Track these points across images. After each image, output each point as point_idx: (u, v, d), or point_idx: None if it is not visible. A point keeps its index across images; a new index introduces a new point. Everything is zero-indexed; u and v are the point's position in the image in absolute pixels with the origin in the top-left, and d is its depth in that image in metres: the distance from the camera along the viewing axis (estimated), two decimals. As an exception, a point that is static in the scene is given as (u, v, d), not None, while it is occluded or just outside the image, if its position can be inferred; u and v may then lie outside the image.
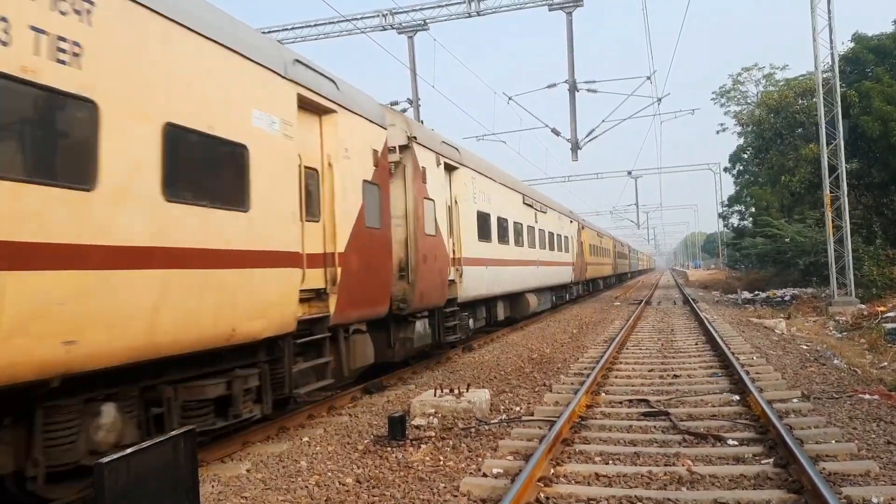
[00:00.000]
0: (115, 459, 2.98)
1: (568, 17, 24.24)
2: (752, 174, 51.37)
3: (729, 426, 7.82)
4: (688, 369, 11.89)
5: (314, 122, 8.88)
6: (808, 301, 25.16)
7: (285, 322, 7.60)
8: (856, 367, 11.60)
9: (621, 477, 6.17)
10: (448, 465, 6.84)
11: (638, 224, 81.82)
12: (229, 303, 6.60)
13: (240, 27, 7.29)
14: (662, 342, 15.86)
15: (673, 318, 22.46)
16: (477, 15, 25.77)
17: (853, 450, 6.65)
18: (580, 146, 25.51)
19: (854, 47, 28.43)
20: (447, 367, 13.68)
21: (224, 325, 6.54)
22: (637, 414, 8.65)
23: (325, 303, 8.70)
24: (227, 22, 7.01)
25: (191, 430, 3.67)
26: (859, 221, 27.20)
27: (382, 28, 26.88)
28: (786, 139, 34.57)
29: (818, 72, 21.53)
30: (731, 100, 58.90)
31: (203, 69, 6.50)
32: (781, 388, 9.80)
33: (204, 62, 6.52)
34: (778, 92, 37.87)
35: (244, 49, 7.09)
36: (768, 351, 13.61)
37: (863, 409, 8.39)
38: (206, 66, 6.54)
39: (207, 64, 6.57)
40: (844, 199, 21.41)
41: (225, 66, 6.81)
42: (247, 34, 7.35)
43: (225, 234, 6.59)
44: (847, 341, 15.68)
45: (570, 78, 24.53)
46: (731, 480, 5.98)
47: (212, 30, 6.62)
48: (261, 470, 6.99)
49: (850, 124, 22.53)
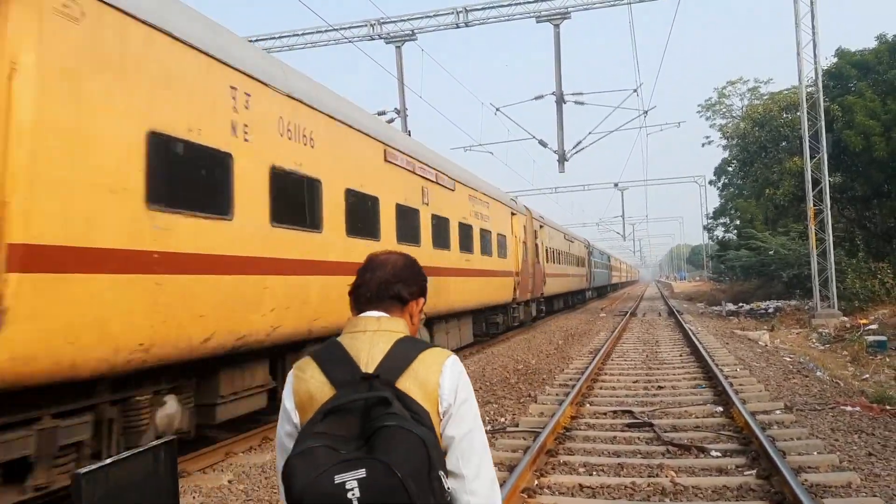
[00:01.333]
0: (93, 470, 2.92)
1: (555, 30, 24.41)
2: (736, 187, 51.82)
3: (712, 437, 7.84)
4: (672, 381, 11.93)
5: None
6: (792, 313, 25.34)
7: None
8: (838, 379, 11.68)
9: (605, 488, 6.17)
10: (432, 475, 6.80)
11: (624, 236, 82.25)
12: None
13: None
14: (647, 353, 15.91)
15: (658, 330, 22.54)
16: (465, 26, 25.88)
17: (835, 461, 6.68)
18: (567, 158, 25.66)
19: (837, 62, 28.76)
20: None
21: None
22: (621, 425, 8.66)
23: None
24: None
25: (172, 440, 3.62)
26: (842, 234, 27.46)
27: (370, 38, 26.92)
28: (770, 152, 34.88)
29: (802, 86, 21.76)
30: (717, 113, 59.46)
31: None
32: (765, 399, 9.84)
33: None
34: (762, 105, 38.23)
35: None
36: (752, 363, 13.68)
37: (845, 420, 8.45)
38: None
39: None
40: (828, 212, 21.61)
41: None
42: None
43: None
44: (830, 353, 15.79)
45: (557, 90, 24.70)
46: (714, 492, 6.00)
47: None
48: (243, 481, 6.93)
49: (833, 138, 22.75)
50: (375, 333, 1.96)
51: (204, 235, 6.53)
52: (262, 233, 7.53)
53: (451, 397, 1.91)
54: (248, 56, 7.67)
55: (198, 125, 6.55)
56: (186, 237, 6.28)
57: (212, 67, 6.86)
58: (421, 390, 1.85)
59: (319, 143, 8.97)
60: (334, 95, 10.13)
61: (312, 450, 1.70)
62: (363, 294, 2.06)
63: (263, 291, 7.39)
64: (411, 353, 1.91)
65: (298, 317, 8.14)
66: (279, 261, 7.80)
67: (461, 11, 25.56)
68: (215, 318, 6.57)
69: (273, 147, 7.85)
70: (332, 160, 9.36)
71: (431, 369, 1.90)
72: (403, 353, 1.90)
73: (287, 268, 7.96)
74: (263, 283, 7.42)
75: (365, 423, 1.75)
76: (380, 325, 1.98)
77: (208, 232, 6.61)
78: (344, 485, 1.63)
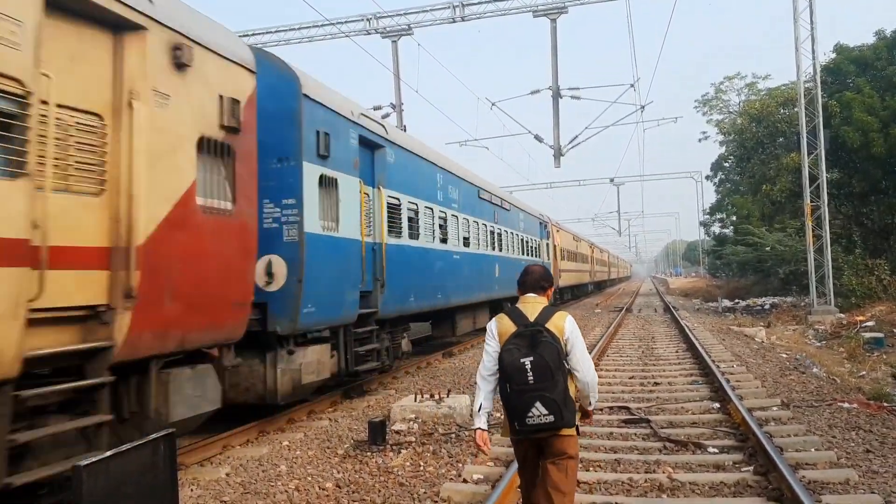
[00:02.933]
0: (93, 462, 2.93)
1: (552, 24, 24.33)
2: (733, 183, 51.86)
3: (709, 434, 7.85)
4: (668, 377, 11.94)
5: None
6: (788, 310, 25.41)
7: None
8: (835, 376, 11.70)
9: (602, 484, 6.17)
10: (428, 470, 6.80)
11: (619, 231, 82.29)
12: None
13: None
14: (643, 350, 15.92)
15: (654, 326, 22.57)
16: (461, 20, 25.79)
17: (833, 458, 6.69)
18: (563, 153, 25.61)
19: (836, 58, 28.74)
20: (427, 372, 13.65)
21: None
22: (618, 421, 8.67)
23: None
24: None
25: (171, 433, 3.62)
26: (839, 231, 27.47)
27: (367, 32, 26.82)
28: (767, 148, 34.91)
29: (800, 82, 21.77)
30: (714, 108, 59.51)
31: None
32: (761, 396, 9.86)
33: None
34: (760, 101, 38.26)
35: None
36: (748, 359, 13.71)
37: (842, 417, 8.46)
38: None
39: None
40: (825, 208, 21.63)
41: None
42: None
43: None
44: (826, 350, 15.83)
45: (553, 84, 24.63)
46: (711, 488, 6.00)
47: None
48: (240, 474, 6.92)
49: (831, 134, 22.75)
50: (534, 304, 4.23)
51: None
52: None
53: (568, 332, 4.11)
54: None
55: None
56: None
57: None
58: (555, 329, 4.07)
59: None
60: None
61: (510, 349, 4.00)
62: (526, 285, 4.33)
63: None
64: (551, 312, 4.16)
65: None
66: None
67: (457, 6, 25.45)
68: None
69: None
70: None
71: (560, 319, 4.13)
72: (547, 312, 4.15)
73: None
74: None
75: (531, 340, 3.99)
76: (535, 300, 4.26)
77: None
78: (524, 363, 3.92)
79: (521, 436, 4.09)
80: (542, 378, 3.91)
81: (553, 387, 3.91)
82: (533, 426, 3.95)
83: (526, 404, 3.94)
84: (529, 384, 3.92)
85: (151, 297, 5.63)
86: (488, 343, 4.20)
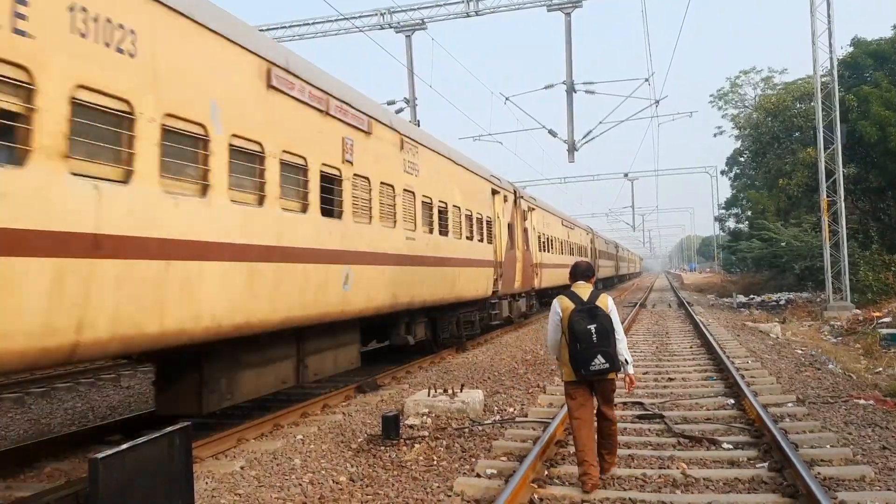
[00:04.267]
0: (110, 455, 2.96)
1: (566, 18, 24.23)
2: (748, 177, 51.55)
3: (724, 430, 7.82)
4: (682, 372, 11.90)
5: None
6: (804, 305, 25.22)
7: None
8: (851, 373, 11.62)
9: (615, 479, 6.16)
10: (441, 464, 6.82)
11: (634, 226, 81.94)
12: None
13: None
14: (657, 345, 15.87)
15: (668, 322, 22.47)
16: (475, 15, 25.76)
17: (848, 455, 6.64)
18: (577, 148, 25.52)
19: (853, 52, 28.49)
20: (441, 367, 13.67)
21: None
22: (632, 416, 8.65)
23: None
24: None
25: (186, 426, 3.65)
26: (856, 226, 27.26)
27: (380, 27, 26.85)
28: (783, 143, 34.67)
29: (817, 76, 21.56)
30: (729, 103, 59.07)
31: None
32: (776, 392, 9.80)
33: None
34: (776, 95, 37.97)
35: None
36: (763, 355, 13.62)
37: (858, 414, 8.39)
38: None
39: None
40: (841, 203, 21.45)
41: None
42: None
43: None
44: (842, 346, 15.71)
45: (567, 79, 24.54)
46: (725, 484, 5.97)
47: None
48: (255, 467, 6.96)
49: (847, 129, 22.55)
50: (584, 288, 6.07)
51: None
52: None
53: (610, 308, 5.96)
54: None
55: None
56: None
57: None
58: (603, 305, 5.92)
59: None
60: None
61: (578, 320, 5.82)
62: (576, 275, 6.21)
63: None
64: (597, 294, 6.01)
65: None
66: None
67: (471, 0, 25.43)
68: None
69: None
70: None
71: (604, 299, 6.00)
72: (595, 294, 6.01)
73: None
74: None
75: (590, 313, 5.84)
76: (585, 286, 6.11)
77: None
78: (590, 328, 5.77)
79: (585, 378, 5.94)
80: (602, 339, 5.81)
81: (609, 344, 5.84)
82: (595, 371, 5.83)
83: (591, 357, 5.80)
84: (594, 343, 5.79)
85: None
86: (554, 314, 6.11)
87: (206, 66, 6.79)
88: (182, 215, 6.26)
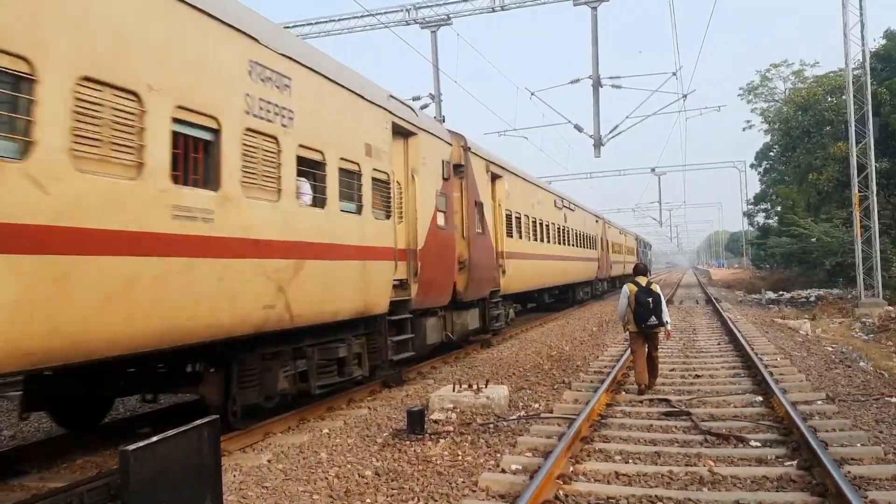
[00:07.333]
0: (140, 447, 3.02)
1: (593, 13, 24.06)
2: (778, 172, 50.81)
3: (751, 427, 7.74)
4: (710, 369, 11.80)
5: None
6: (834, 302, 24.84)
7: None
8: (883, 370, 11.44)
9: (641, 476, 6.14)
10: (466, 460, 6.84)
11: (661, 222, 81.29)
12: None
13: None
14: (684, 341, 15.74)
15: (695, 318, 22.29)
16: (501, 10, 25.67)
17: (879, 454, 6.55)
18: (603, 143, 25.34)
19: (886, 44, 27.96)
20: (465, 362, 13.69)
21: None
22: (658, 413, 8.60)
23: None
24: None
25: (214, 419, 3.70)
26: (888, 222, 26.77)
27: (406, 23, 26.85)
28: (813, 137, 34.11)
29: (848, 68, 21.20)
30: (759, 96, 58.30)
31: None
32: (806, 389, 9.68)
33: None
34: (806, 89, 37.38)
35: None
36: (792, 352, 13.46)
37: (890, 412, 8.26)
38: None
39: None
40: (873, 198, 21.09)
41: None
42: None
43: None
44: (874, 343, 15.46)
45: (594, 73, 24.35)
46: (753, 482, 5.92)
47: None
48: (281, 461, 7.04)
49: (880, 122, 22.13)
50: (643, 279, 10.29)
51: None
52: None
53: (659, 291, 10.23)
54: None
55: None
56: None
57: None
58: (655, 289, 10.17)
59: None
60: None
61: (641, 296, 10.04)
62: (637, 272, 10.57)
63: None
64: (650, 283, 10.28)
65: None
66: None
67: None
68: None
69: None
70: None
71: (655, 286, 10.26)
72: (650, 282, 10.28)
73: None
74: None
75: (648, 292, 10.05)
76: (645, 278, 10.35)
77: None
78: (649, 301, 9.99)
79: (643, 331, 9.98)
80: (655, 307, 9.94)
81: (659, 311, 9.94)
82: (649, 326, 9.93)
83: (647, 317, 9.90)
84: (650, 309, 9.90)
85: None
86: (624, 295, 10.18)
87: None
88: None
